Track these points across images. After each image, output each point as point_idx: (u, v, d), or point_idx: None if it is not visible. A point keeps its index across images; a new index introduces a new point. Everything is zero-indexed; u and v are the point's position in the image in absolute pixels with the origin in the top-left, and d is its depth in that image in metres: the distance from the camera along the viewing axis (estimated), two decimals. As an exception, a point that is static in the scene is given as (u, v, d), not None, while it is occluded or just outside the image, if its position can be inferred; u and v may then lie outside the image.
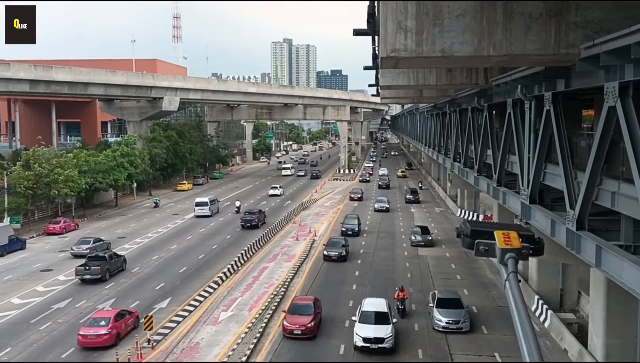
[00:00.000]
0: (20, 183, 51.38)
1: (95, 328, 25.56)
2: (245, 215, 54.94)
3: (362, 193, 74.04)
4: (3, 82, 63.00)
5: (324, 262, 40.77)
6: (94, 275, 35.38)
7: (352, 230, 49.80)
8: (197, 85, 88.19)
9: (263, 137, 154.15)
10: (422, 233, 46.89)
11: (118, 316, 26.52)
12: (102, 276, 35.62)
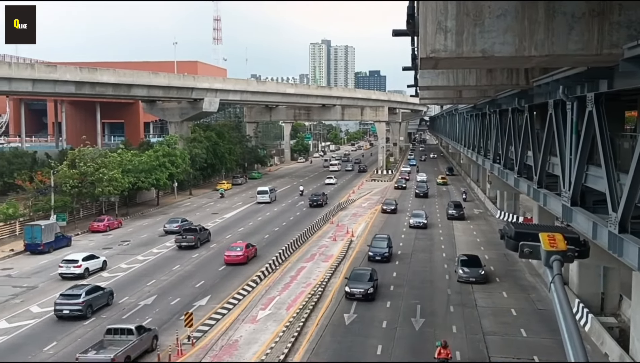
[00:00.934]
0: (66, 182, 52.90)
1: (235, 252, 40.61)
2: (312, 196, 70.19)
3: (396, 204, 64.12)
4: (50, 83, 65.00)
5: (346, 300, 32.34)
6: (189, 243, 45.69)
7: (381, 255, 40.84)
8: (236, 86, 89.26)
9: (301, 137, 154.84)
10: (471, 266, 36.32)
11: (247, 246, 41.81)
12: (195, 243, 45.85)
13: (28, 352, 25.16)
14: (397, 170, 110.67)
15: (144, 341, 25.01)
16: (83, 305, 29.53)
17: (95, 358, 22.88)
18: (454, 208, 60.47)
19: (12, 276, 38.42)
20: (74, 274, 36.73)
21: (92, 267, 38.20)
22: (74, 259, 37.63)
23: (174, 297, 32.80)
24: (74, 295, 30.01)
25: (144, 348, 25.03)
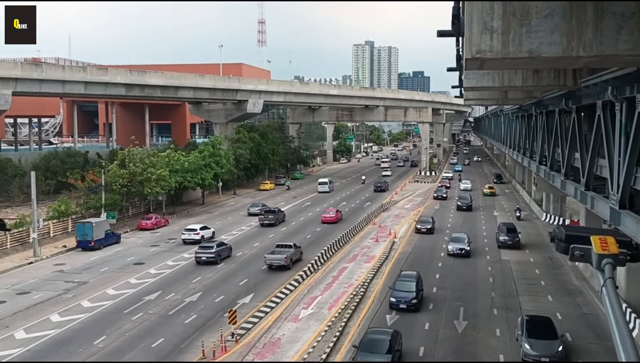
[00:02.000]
0: (116, 181, 54.41)
1: (329, 214, 57.57)
2: (376, 183, 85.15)
3: (433, 222, 53.02)
4: (101, 85, 66.99)
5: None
6: (270, 221, 55.58)
7: (406, 302, 30.43)
8: (280, 88, 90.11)
9: (343, 138, 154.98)
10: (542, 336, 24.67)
11: (337, 211, 59.25)
12: (274, 222, 55.55)
13: (78, 345, 26.04)
14: (441, 172, 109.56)
15: (297, 252, 41.67)
16: (215, 254, 41.06)
17: (275, 258, 39.41)
18: (506, 233, 47.13)
19: (64, 271, 39.79)
20: (193, 240, 46.89)
21: (206, 235, 48.48)
22: (193, 229, 48.98)
23: (218, 295, 33.41)
24: (209, 246, 41.98)
25: (297, 257, 41.26)
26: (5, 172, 63.96)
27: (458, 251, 43.21)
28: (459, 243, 43.88)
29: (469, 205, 66.26)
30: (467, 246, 43.66)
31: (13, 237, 45.21)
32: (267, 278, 37.19)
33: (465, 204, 66.20)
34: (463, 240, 44.56)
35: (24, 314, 30.47)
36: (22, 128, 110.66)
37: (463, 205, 66.02)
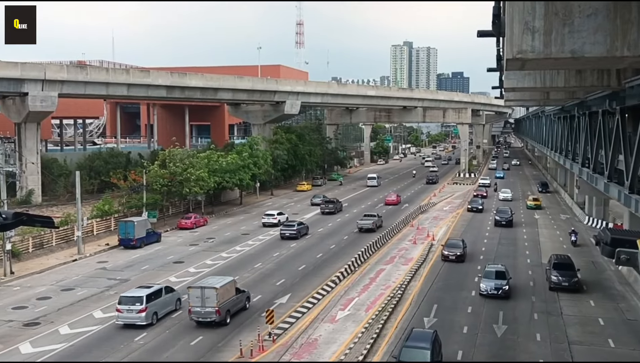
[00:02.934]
0: (157, 181, 55.45)
1: (391, 197, 71.02)
2: (429, 176, 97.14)
3: (464, 247, 42.64)
4: (144, 87, 68.44)
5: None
6: (330, 210, 63.66)
7: None
8: (317, 89, 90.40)
9: (381, 139, 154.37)
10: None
11: (398, 194, 72.97)
12: (334, 211, 63.82)
13: (120, 342, 26.63)
14: (477, 178, 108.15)
15: (379, 220, 55.63)
16: (297, 231, 50.16)
17: (364, 223, 53.45)
18: (559, 269, 35.11)
19: (107, 269, 40.76)
20: (272, 223, 55.68)
21: (282, 219, 56.48)
22: (272, 214, 57.52)
23: (255, 294, 33.68)
24: (292, 224, 51.88)
25: (379, 224, 54.82)
26: (51, 172, 65.83)
27: (494, 290, 32.88)
28: (496, 280, 33.33)
29: (509, 220, 56.48)
30: (505, 284, 33.16)
31: (58, 234, 46.50)
32: (304, 279, 37.34)
33: (505, 219, 56.49)
34: (501, 274, 34.10)
35: (68, 310, 31.34)
36: (67, 129, 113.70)
37: (502, 220, 56.24)
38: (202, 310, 28.10)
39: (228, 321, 28.83)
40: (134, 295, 29.25)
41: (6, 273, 38.23)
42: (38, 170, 62.46)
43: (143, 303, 28.46)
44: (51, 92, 60.46)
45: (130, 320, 28.45)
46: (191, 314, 28.43)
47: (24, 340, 26.81)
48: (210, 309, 28.01)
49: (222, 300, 28.32)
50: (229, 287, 29.51)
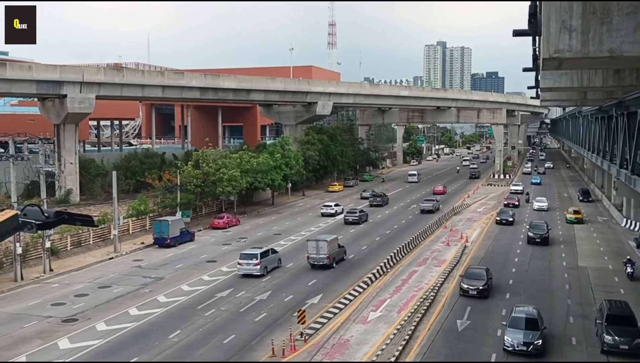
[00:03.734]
0: (191, 181, 56.16)
1: (438, 188, 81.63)
2: (471, 171, 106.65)
3: (488, 278, 33.88)
4: (178, 89, 69.40)
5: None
6: (378, 203, 70.38)
7: None
8: (349, 89, 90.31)
9: (414, 140, 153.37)
10: None
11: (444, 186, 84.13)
12: (382, 203, 70.68)
13: (155, 339, 27.06)
14: (515, 176, 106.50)
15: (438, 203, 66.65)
16: (359, 217, 57.33)
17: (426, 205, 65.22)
18: (615, 324, 25.49)
19: (142, 267, 41.46)
20: (330, 213, 62.52)
21: (338, 210, 62.80)
22: (329, 205, 64.54)
23: (287, 294, 33.86)
24: (355, 211, 59.03)
25: (437, 207, 65.74)
26: (89, 172, 67.22)
27: (522, 347, 24.61)
28: (524, 332, 25.01)
29: (544, 237, 47.77)
30: (537, 338, 24.84)
31: (95, 233, 47.47)
32: (336, 280, 37.35)
33: (539, 236, 47.76)
34: (531, 320, 25.78)
35: (105, 307, 31.98)
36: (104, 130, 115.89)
37: (536, 237, 47.63)
38: (317, 256, 39.02)
39: (335, 265, 39.84)
40: (251, 252, 38.80)
41: (45, 271, 39.20)
42: (76, 170, 63.83)
43: (258, 259, 37.60)
44: (89, 94, 61.73)
45: (248, 271, 37.76)
46: (309, 259, 39.62)
47: (63, 336, 27.44)
48: (322, 256, 38.94)
49: (331, 250, 39.23)
50: (334, 241, 40.68)
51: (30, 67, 61.30)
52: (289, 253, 45.25)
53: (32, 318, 30.09)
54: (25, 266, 39.12)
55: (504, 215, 58.43)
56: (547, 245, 47.44)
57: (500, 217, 58.11)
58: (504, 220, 57.36)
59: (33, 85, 58.88)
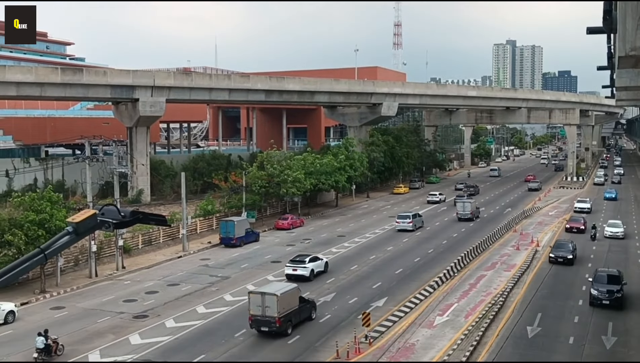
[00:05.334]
0: (255, 182, 56.92)
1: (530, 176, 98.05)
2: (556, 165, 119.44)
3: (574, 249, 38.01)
4: (244, 92, 70.54)
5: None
6: (472, 192, 79.12)
7: None
8: (415, 90, 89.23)
9: (482, 141, 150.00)
10: None
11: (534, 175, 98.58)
12: (474, 193, 79.91)
13: (221, 337, 27.49)
14: (589, 178, 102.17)
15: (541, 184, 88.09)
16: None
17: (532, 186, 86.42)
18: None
19: (209, 266, 42.32)
20: (435, 201, 73.41)
21: (442, 198, 74.83)
22: (435, 193, 75.67)
23: (351, 296, 33.70)
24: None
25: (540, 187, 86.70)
26: (159, 173, 69.29)
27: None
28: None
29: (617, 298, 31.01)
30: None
31: (165, 232, 48.83)
32: (401, 283, 36.90)
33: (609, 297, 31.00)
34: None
35: (174, 304, 32.79)
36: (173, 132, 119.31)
37: (603, 298, 31.00)
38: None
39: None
40: (405, 214, 56.27)
41: (118, 268, 40.64)
42: (147, 171, 65.88)
43: (410, 219, 54.37)
44: (159, 98, 63.65)
45: (404, 227, 53.98)
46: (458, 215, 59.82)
47: (134, 332, 28.32)
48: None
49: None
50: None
51: (105, 73, 63.86)
52: (353, 255, 45.12)
53: (105, 313, 31.22)
54: (100, 263, 40.67)
55: (560, 250, 41.87)
56: (621, 309, 30.87)
57: (555, 253, 41.67)
58: (560, 257, 40.94)
59: (108, 90, 61.24)
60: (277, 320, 26.86)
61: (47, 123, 75.21)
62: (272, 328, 26.99)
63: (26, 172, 65.43)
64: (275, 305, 26.82)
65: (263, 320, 27.19)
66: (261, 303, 27.13)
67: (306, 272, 37.18)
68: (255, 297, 27.42)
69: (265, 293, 27.49)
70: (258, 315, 27.23)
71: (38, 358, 24.72)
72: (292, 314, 27.92)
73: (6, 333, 28.50)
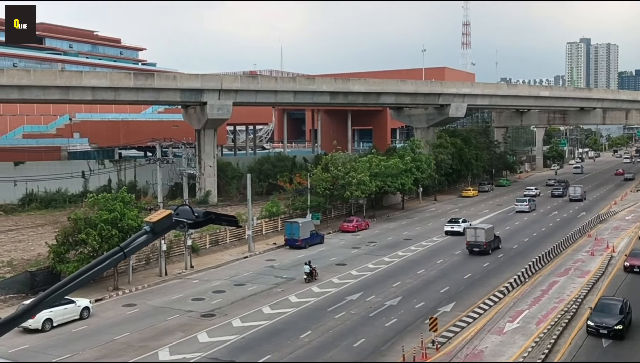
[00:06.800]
0: (320, 184, 56.90)
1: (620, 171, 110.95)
2: None
3: None
4: (309, 94, 70.84)
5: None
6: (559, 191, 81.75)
7: None
8: (485, 90, 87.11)
9: (555, 143, 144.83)
10: None
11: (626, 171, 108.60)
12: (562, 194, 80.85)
13: (287, 337, 27.52)
14: None
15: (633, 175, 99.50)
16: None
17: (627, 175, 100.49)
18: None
19: (274, 267, 42.60)
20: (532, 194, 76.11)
21: (537, 192, 79.90)
22: (531, 188, 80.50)
23: (418, 301, 33.07)
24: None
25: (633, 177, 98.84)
26: (226, 174, 70.56)
27: None
28: None
29: None
30: None
31: (231, 233, 49.56)
32: (470, 288, 35.93)
33: None
34: None
35: (240, 304, 33.14)
36: (240, 135, 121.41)
37: None
38: None
39: None
40: (522, 198, 68.99)
41: (187, 267, 41.52)
42: (214, 173, 67.23)
43: (528, 202, 66.24)
44: (227, 101, 64.81)
45: (521, 209, 65.44)
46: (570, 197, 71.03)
47: (202, 330, 28.76)
48: None
49: None
50: None
51: (175, 77, 65.63)
52: (420, 259, 44.39)
53: (174, 311, 31.89)
54: (169, 262, 41.65)
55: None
56: None
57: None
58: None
59: (177, 94, 62.89)
60: (485, 244, 43.96)
61: (121, 126, 78.07)
62: (481, 249, 43.95)
63: (101, 173, 68.17)
64: (483, 235, 43.99)
65: (475, 244, 44.08)
66: (474, 234, 44.32)
67: (460, 228, 52.43)
68: (470, 230, 45.62)
69: (477, 227, 46.48)
70: (472, 241, 44.23)
71: (306, 279, 37.20)
72: (491, 242, 44.67)
73: (81, 328, 29.54)
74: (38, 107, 76.27)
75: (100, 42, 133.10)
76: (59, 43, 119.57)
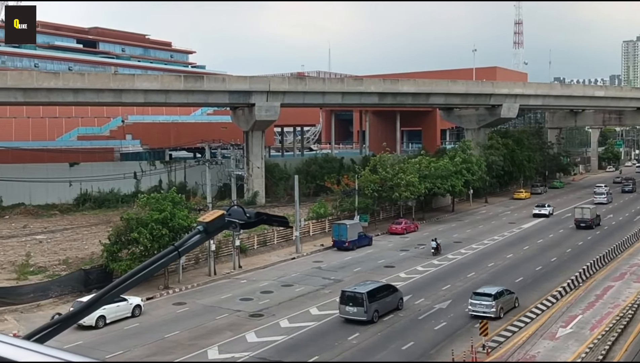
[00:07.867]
0: (368, 186, 56.53)
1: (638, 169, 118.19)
2: None
3: None
4: (357, 95, 70.62)
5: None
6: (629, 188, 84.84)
7: None
8: (537, 91, 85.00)
9: (611, 144, 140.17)
10: None
11: None
12: (632, 189, 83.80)
13: (335, 339, 27.43)
14: None
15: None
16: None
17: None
18: None
19: (321, 268, 42.55)
20: (601, 192, 75.13)
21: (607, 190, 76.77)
22: (600, 185, 79.86)
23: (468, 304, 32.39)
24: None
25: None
26: (273, 175, 70.95)
27: None
28: None
29: None
30: None
31: (279, 234, 49.79)
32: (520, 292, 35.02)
33: None
34: None
35: (288, 305, 33.23)
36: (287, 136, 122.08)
37: None
38: None
39: None
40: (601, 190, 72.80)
41: (235, 267, 41.94)
42: (262, 174, 67.71)
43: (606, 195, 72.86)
44: (274, 102, 65.21)
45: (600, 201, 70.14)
46: None
47: (250, 330, 28.96)
48: None
49: None
50: None
51: (223, 79, 66.51)
52: (470, 262, 43.63)
53: (223, 311, 32.22)
54: (218, 262, 42.13)
55: None
56: None
57: None
58: None
59: (226, 96, 63.66)
60: (590, 220, 54.83)
61: (171, 128, 79.59)
62: (587, 224, 54.71)
63: (152, 174, 69.59)
64: (589, 213, 55.27)
65: (582, 220, 55.06)
66: (581, 212, 55.66)
67: (546, 211, 63.15)
68: (578, 209, 56.57)
69: (583, 207, 57.29)
70: (579, 218, 55.49)
71: (434, 252, 44.59)
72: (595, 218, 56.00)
73: (133, 325, 30.17)
74: (92, 110, 78.52)
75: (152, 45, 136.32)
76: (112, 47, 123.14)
